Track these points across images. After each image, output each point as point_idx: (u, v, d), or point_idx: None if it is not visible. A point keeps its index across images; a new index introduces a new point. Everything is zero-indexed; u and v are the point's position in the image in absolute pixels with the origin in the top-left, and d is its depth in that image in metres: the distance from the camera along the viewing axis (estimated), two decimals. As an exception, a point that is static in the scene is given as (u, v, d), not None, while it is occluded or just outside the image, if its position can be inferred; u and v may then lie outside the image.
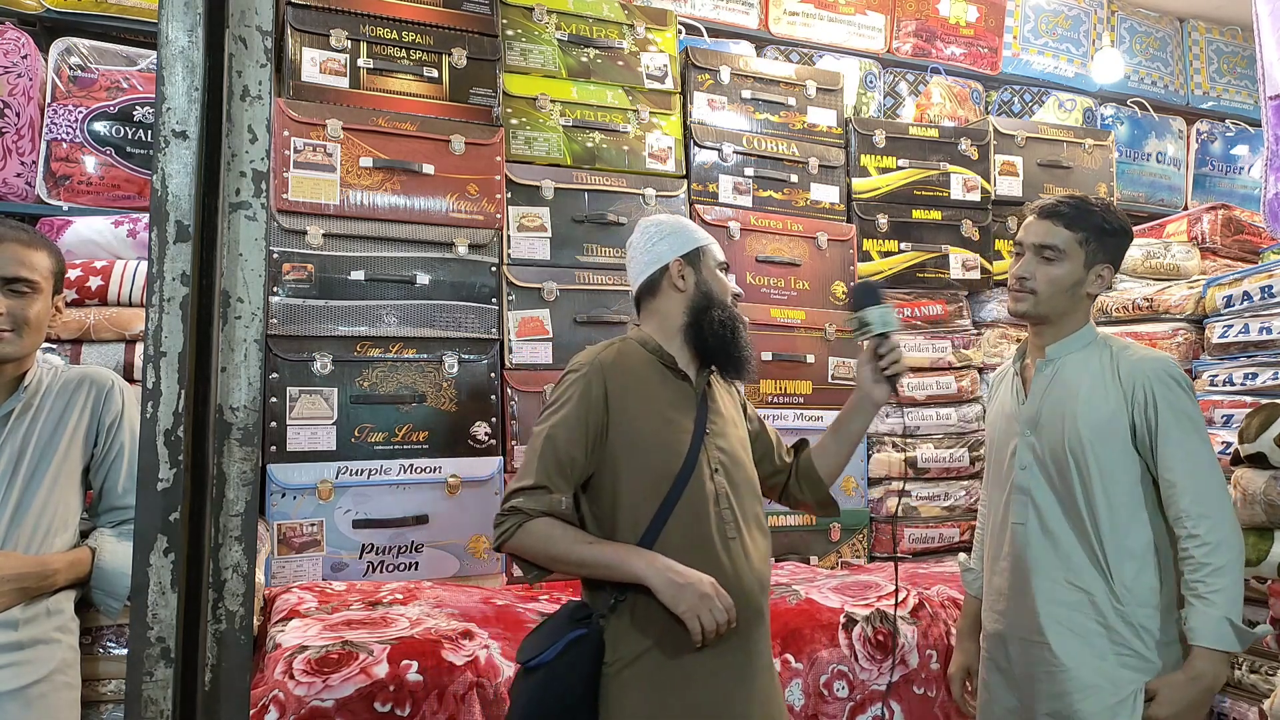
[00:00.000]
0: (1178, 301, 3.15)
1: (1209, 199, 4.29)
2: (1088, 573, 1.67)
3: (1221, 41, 4.59)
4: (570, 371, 1.59)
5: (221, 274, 0.83)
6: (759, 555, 1.61)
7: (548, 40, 2.95)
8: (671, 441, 1.56)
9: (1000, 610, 1.80)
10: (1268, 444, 2.07)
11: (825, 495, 1.80)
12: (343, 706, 1.68)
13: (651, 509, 1.52)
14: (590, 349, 1.64)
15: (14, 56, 2.45)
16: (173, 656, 0.79)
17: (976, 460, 3.35)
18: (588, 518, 1.57)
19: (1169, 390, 1.65)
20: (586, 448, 1.52)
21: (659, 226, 1.70)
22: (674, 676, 1.49)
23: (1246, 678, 2.31)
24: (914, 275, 3.38)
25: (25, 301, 1.65)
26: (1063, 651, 1.66)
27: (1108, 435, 1.67)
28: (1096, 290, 1.76)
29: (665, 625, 1.48)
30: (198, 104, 0.82)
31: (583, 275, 2.83)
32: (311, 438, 2.46)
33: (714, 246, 1.72)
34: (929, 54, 3.90)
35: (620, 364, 1.59)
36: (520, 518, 1.48)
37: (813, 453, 1.79)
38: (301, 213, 2.52)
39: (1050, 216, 1.74)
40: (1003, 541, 1.80)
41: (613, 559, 1.47)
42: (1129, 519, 1.66)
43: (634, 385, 1.58)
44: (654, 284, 1.67)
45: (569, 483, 1.51)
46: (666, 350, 1.63)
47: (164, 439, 0.80)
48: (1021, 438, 1.77)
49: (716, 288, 1.67)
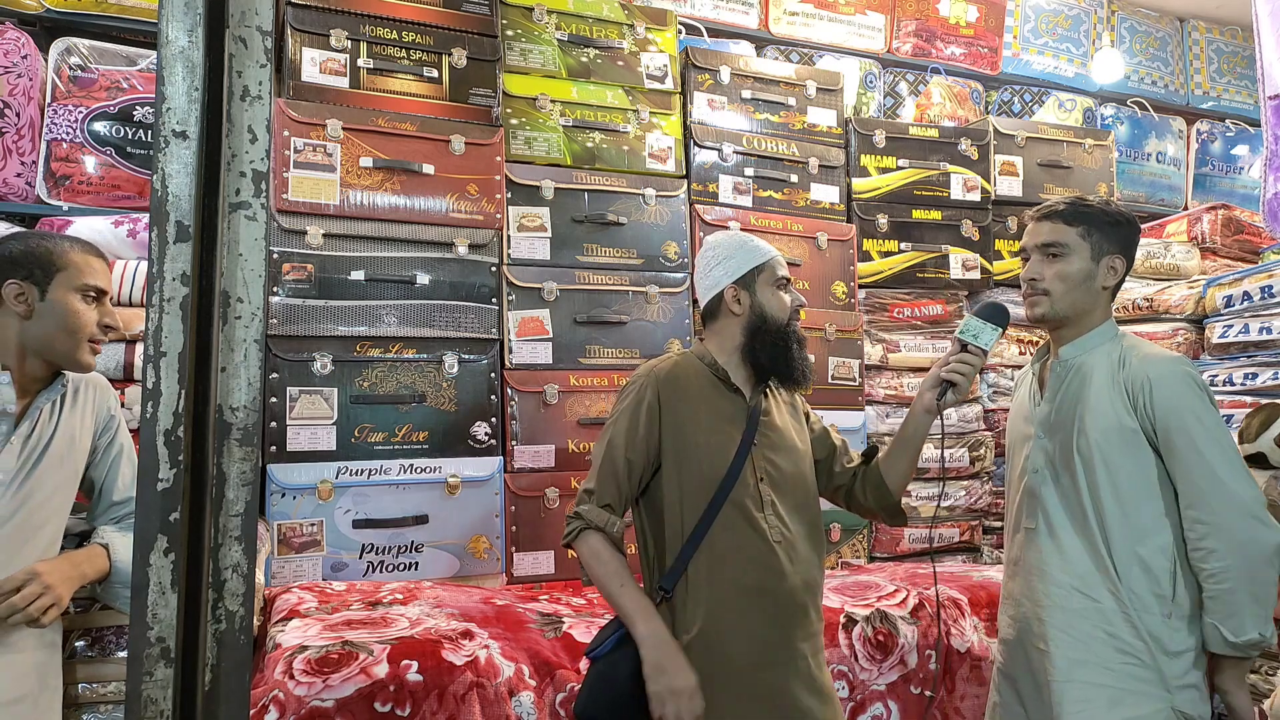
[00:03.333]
0: (1178, 301, 3.15)
1: (1209, 199, 4.29)
2: (1094, 579, 1.63)
3: (1221, 41, 4.59)
4: (630, 382, 1.73)
5: (221, 274, 0.83)
6: (807, 560, 1.69)
7: (548, 40, 2.95)
8: (718, 450, 1.66)
9: (1011, 615, 1.78)
10: (1268, 444, 2.08)
11: (891, 502, 1.80)
12: (343, 706, 1.68)
13: (697, 513, 1.63)
14: (650, 362, 1.77)
15: (14, 56, 2.45)
16: (173, 656, 0.79)
17: (976, 460, 3.35)
18: (642, 517, 1.72)
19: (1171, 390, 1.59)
20: (644, 451, 1.66)
21: (715, 250, 1.77)
22: (717, 667, 1.58)
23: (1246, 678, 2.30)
24: (914, 275, 3.38)
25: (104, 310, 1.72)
26: (1067, 660, 1.63)
27: (1117, 438, 1.62)
28: (1110, 282, 1.72)
29: (709, 624, 1.59)
30: (198, 104, 0.82)
31: (583, 275, 2.83)
32: (311, 438, 2.46)
33: (774, 262, 1.75)
34: (929, 54, 3.90)
35: (675, 375, 1.71)
36: (581, 523, 1.63)
37: (880, 460, 1.81)
38: (301, 213, 2.52)
39: (1049, 217, 1.74)
40: (1014, 547, 1.79)
41: (628, 610, 1.58)
42: (1147, 523, 1.61)
43: (686, 397, 1.69)
44: (714, 309, 1.77)
45: (630, 487, 1.66)
46: (721, 366, 1.74)
47: (164, 439, 0.80)
48: (1035, 440, 1.75)
49: (773, 308, 1.73)
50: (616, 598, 1.59)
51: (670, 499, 1.65)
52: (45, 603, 1.52)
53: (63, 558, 1.62)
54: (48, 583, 1.54)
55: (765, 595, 1.62)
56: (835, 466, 1.85)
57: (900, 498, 1.81)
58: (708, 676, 1.56)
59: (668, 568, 1.64)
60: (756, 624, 1.61)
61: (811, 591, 1.69)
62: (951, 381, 1.68)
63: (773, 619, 1.62)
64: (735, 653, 1.59)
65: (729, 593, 1.61)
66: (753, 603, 1.61)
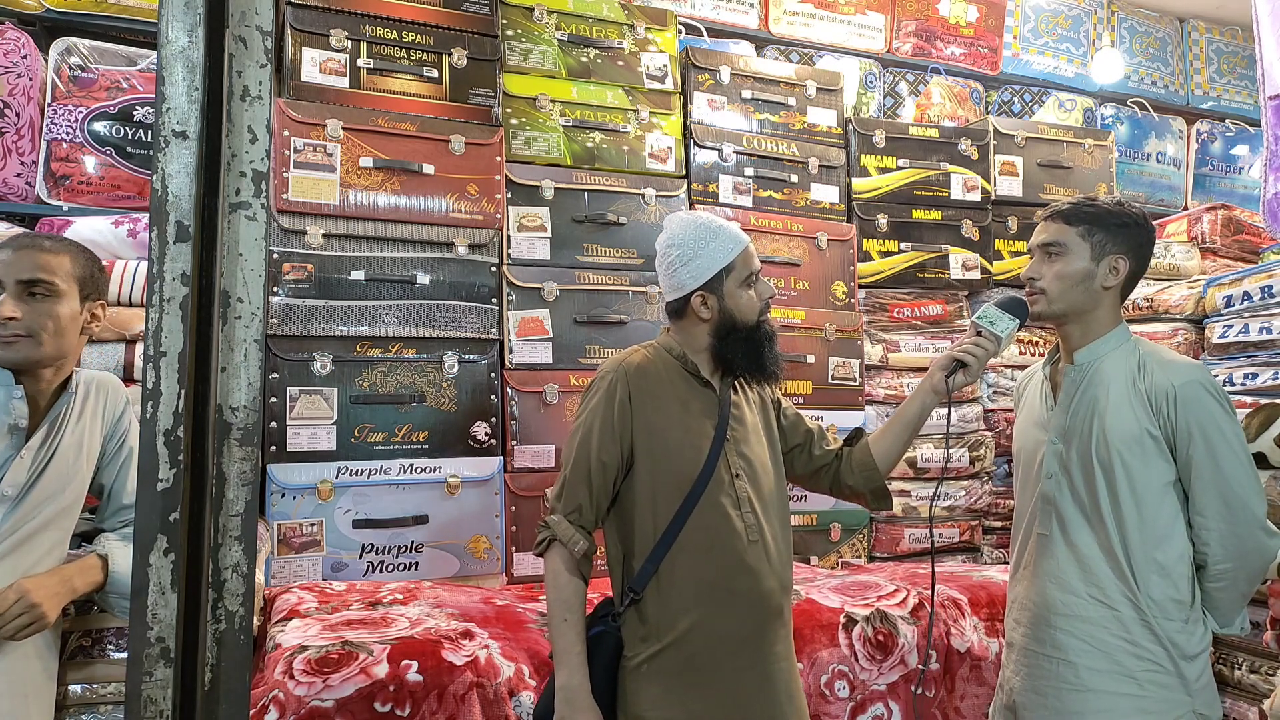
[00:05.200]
0: (1178, 301, 3.15)
1: (1209, 199, 4.29)
2: (1112, 587, 1.62)
3: (1221, 41, 4.59)
4: (598, 378, 1.66)
5: (221, 274, 0.83)
6: (781, 559, 1.65)
7: (548, 40, 2.95)
8: (691, 446, 1.61)
9: (1017, 619, 1.76)
10: (1268, 444, 2.08)
11: (879, 484, 1.76)
12: (343, 706, 1.68)
13: (670, 511, 1.58)
14: (618, 354, 1.70)
15: (14, 56, 2.45)
16: (172, 656, 0.79)
17: (976, 460, 3.35)
18: (610, 516, 1.65)
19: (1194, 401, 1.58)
20: (617, 451, 1.59)
21: (680, 249, 1.65)
22: (690, 673, 1.54)
23: (1247, 678, 2.31)
24: (914, 275, 3.38)
25: (45, 305, 1.62)
26: (1086, 669, 1.62)
27: (1138, 445, 1.61)
28: (1112, 282, 1.69)
29: (681, 624, 1.55)
30: (198, 104, 0.82)
31: (583, 275, 2.83)
32: (311, 438, 2.46)
33: (740, 259, 1.65)
34: (929, 54, 3.90)
35: (644, 369, 1.65)
36: (549, 534, 1.58)
37: (870, 439, 1.79)
38: (301, 213, 2.52)
39: (1052, 217, 1.74)
40: (1025, 551, 1.77)
41: (558, 650, 1.55)
42: (1164, 531, 1.61)
43: (656, 391, 1.63)
44: (679, 309, 1.68)
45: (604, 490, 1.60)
46: (691, 359, 1.68)
47: (164, 439, 0.80)
48: (1049, 446, 1.72)
49: (742, 310, 1.65)
50: (554, 630, 1.55)
51: (642, 498, 1.59)
52: (24, 622, 1.51)
53: (52, 573, 1.61)
54: (32, 601, 1.52)
55: (740, 596, 1.57)
56: (814, 450, 1.79)
57: (887, 478, 1.77)
58: (680, 678, 1.53)
59: (637, 569, 1.58)
60: (731, 625, 1.56)
61: (785, 592, 1.65)
62: (963, 361, 1.66)
63: (747, 620, 1.58)
64: (708, 655, 1.55)
65: (703, 593, 1.56)
66: (727, 603, 1.57)
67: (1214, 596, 1.62)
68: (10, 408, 1.60)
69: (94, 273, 1.73)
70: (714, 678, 1.55)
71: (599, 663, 1.54)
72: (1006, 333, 1.70)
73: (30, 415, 1.63)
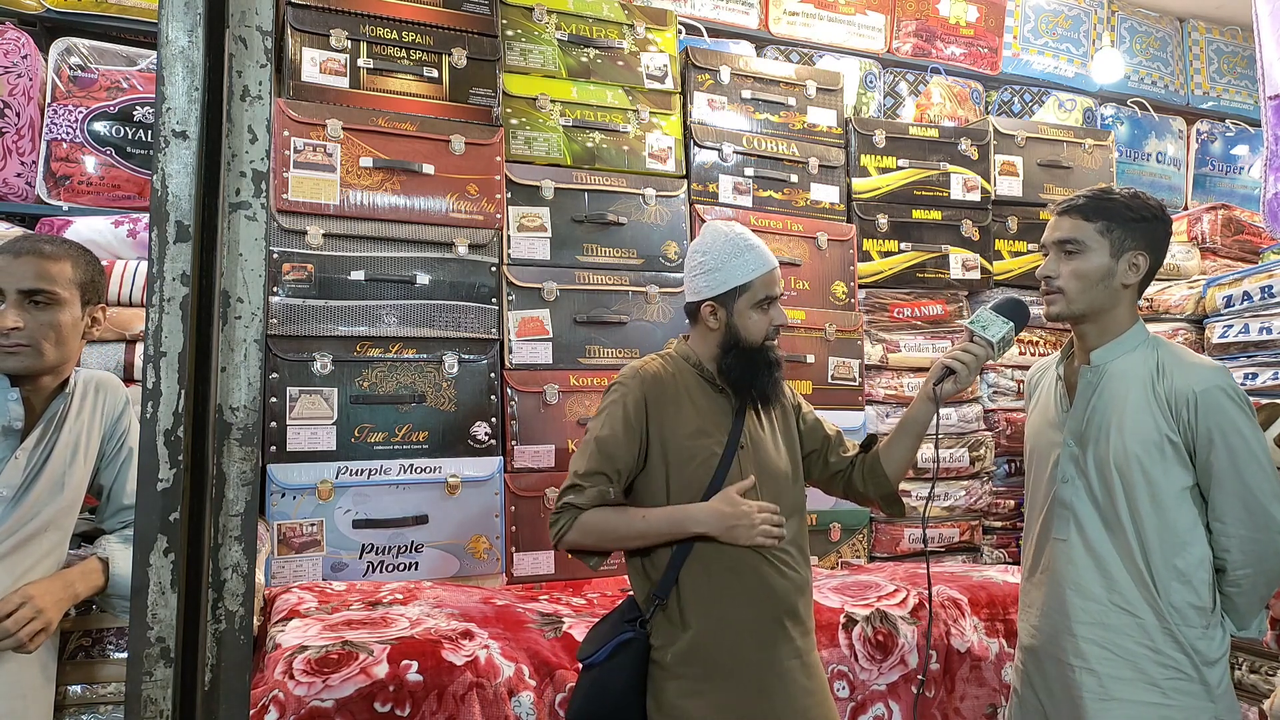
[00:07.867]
0: (1178, 301, 3.15)
1: (1209, 199, 4.30)
2: (1133, 594, 1.58)
3: (1221, 41, 4.59)
4: (615, 383, 1.69)
5: (221, 274, 0.83)
6: (797, 560, 1.68)
7: (548, 40, 2.95)
8: (705, 453, 1.64)
9: (1034, 625, 1.72)
10: (1269, 444, 2.07)
11: (890, 491, 1.78)
12: (342, 706, 1.68)
13: None
14: (635, 361, 1.74)
15: (14, 56, 2.45)
16: (172, 656, 0.79)
17: (976, 460, 3.35)
18: None
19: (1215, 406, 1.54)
20: (629, 453, 1.62)
21: (706, 255, 1.69)
22: (713, 665, 1.58)
23: (1247, 678, 2.31)
24: (914, 275, 3.38)
25: (47, 314, 1.62)
26: (1110, 677, 1.58)
27: (1157, 450, 1.57)
28: (1132, 280, 1.63)
29: (702, 624, 1.58)
30: (198, 104, 0.82)
31: (583, 275, 2.83)
32: (311, 438, 2.46)
33: (759, 283, 1.67)
34: (929, 54, 3.90)
35: (661, 376, 1.68)
36: (574, 513, 1.60)
37: (880, 449, 1.80)
38: (301, 213, 2.52)
39: (1067, 212, 1.66)
40: (1041, 555, 1.72)
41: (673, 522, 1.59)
42: (1184, 537, 1.57)
43: (673, 397, 1.67)
44: (694, 312, 1.73)
45: (618, 489, 1.63)
46: (707, 366, 1.71)
47: (164, 439, 0.80)
48: (1064, 449, 1.67)
49: (748, 330, 1.68)
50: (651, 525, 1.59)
51: (659, 502, 1.63)
52: (35, 628, 1.52)
53: (56, 577, 1.61)
54: (40, 606, 1.53)
55: (757, 598, 1.61)
56: (830, 456, 1.82)
57: (898, 486, 1.79)
58: (701, 680, 1.56)
59: (660, 575, 1.62)
60: (750, 627, 1.60)
61: (802, 592, 1.67)
62: (950, 368, 1.66)
63: (766, 621, 1.61)
64: (729, 656, 1.58)
65: (722, 596, 1.60)
66: (746, 606, 1.60)
67: (1233, 600, 1.59)
68: (6, 409, 1.60)
69: (94, 277, 1.72)
70: (734, 671, 1.58)
71: (626, 673, 1.57)
72: (999, 337, 1.67)
73: (26, 416, 1.63)
